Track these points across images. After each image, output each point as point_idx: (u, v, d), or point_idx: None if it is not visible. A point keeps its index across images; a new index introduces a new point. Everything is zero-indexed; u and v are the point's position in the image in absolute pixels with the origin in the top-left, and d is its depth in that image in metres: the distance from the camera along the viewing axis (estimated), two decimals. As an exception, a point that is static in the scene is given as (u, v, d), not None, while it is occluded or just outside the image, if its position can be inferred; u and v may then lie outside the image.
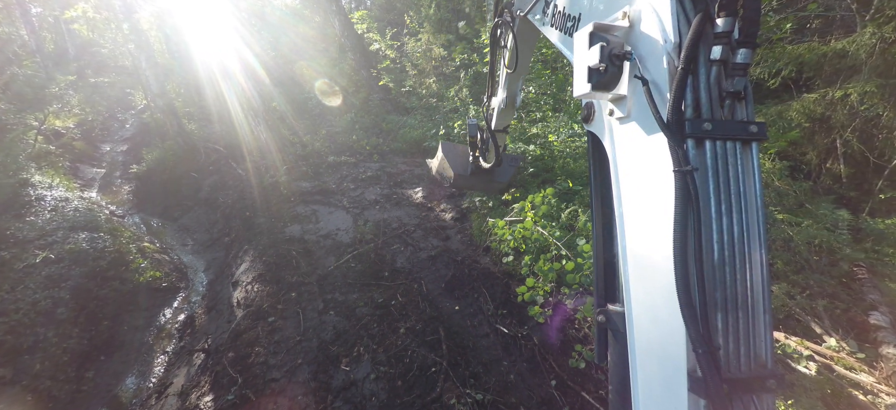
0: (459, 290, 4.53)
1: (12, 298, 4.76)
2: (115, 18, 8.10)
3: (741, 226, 0.87)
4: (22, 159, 7.91)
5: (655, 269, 0.93)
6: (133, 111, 16.37)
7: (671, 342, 0.88)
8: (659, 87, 0.90)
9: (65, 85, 13.92)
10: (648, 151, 0.95)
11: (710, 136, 0.86)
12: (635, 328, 1.01)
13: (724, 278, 0.85)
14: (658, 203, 0.92)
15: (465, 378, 3.45)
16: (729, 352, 0.85)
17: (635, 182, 1.01)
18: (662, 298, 0.90)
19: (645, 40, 0.94)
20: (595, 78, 0.96)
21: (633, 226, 1.01)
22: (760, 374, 0.86)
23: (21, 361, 4.50)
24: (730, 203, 0.86)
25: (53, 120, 11.66)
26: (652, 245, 0.95)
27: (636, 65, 0.94)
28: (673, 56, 0.88)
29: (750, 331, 0.87)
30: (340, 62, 13.09)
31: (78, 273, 5.35)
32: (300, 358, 3.80)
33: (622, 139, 1.05)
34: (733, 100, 0.90)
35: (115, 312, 5.55)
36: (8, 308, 4.64)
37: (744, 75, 0.88)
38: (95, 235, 6.08)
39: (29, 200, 6.76)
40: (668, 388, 0.89)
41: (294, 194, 6.99)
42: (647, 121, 0.92)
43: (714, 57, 0.86)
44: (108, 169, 11.68)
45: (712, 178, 0.86)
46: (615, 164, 1.07)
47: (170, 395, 3.99)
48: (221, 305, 5.19)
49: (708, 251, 0.85)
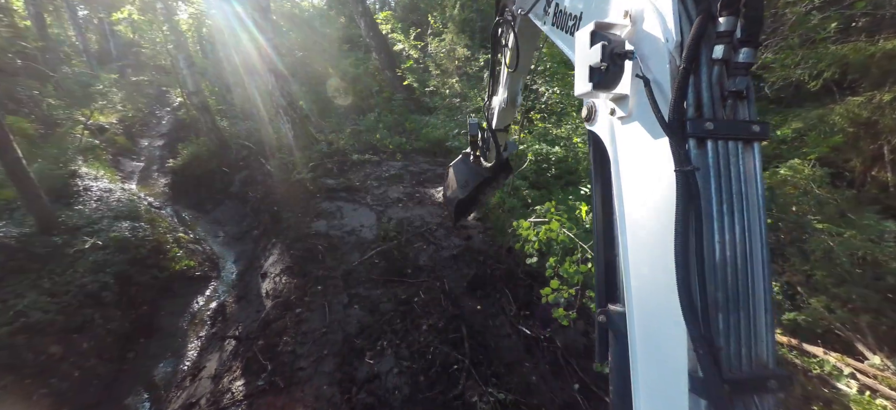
0: (482, 289, 4.55)
1: (63, 280, 5.11)
2: (156, 20, 8.55)
3: (743, 226, 0.87)
4: (71, 152, 8.47)
5: (656, 269, 0.93)
6: (169, 108, 17.20)
7: (672, 343, 0.88)
8: (660, 86, 0.90)
9: (108, 83, 14.76)
10: (650, 151, 0.95)
11: (712, 135, 0.86)
12: (636, 328, 1.01)
13: (726, 278, 0.85)
14: (659, 203, 0.92)
15: (487, 377, 3.48)
16: (730, 353, 0.85)
17: (636, 182, 1.01)
18: (663, 298, 0.89)
19: (646, 39, 0.94)
20: (596, 77, 0.96)
21: (634, 226, 1.02)
22: (762, 374, 0.85)
23: (71, 339, 4.83)
24: (731, 203, 0.86)
25: (98, 116, 12.40)
26: (653, 245, 0.95)
27: (638, 64, 0.94)
28: (675, 55, 0.88)
29: (751, 331, 0.87)
30: (365, 62, 13.34)
31: (121, 260, 5.69)
32: (326, 350, 3.92)
33: (623, 139, 1.05)
34: (735, 99, 0.89)
35: (154, 297, 5.88)
36: (60, 290, 4.99)
37: (746, 75, 0.87)
38: (137, 224, 6.44)
39: (78, 189, 7.23)
40: (669, 389, 0.89)
41: (320, 191, 7.19)
42: (649, 120, 0.91)
43: (716, 56, 0.86)
44: (146, 162, 12.34)
45: (714, 178, 0.86)
46: (616, 163, 1.07)
47: (203, 378, 4.20)
48: (251, 295, 5.40)
49: (709, 251, 0.84)
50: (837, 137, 5.06)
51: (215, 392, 3.81)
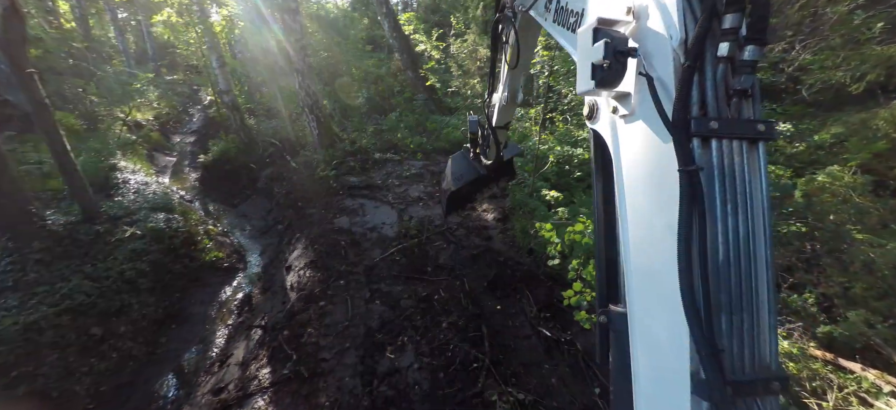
0: (501, 290, 4.56)
1: (104, 266, 5.42)
2: (192, 22, 8.95)
3: (747, 227, 0.85)
4: (111, 147, 8.96)
5: (658, 269, 0.92)
6: (199, 106, 17.93)
7: (674, 344, 0.87)
8: (664, 84, 0.88)
9: (145, 82, 15.51)
10: (653, 150, 0.93)
11: (717, 134, 0.84)
12: (637, 329, 1.00)
13: (729, 279, 0.84)
14: (662, 203, 0.90)
15: (507, 376, 3.48)
16: (733, 354, 0.84)
17: (639, 181, 0.99)
18: (665, 299, 0.88)
19: (650, 36, 0.92)
20: (599, 75, 0.93)
21: (635, 226, 1.00)
22: (765, 376, 0.84)
23: (110, 322, 5.12)
24: (736, 203, 0.85)
25: (135, 113, 13.07)
26: (655, 245, 0.93)
27: (641, 61, 0.92)
28: (679, 53, 0.86)
29: (754, 333, 0.85)
30: (387, 63, 13.53)
31: (156, 249, 5.98)
32: (348, 342, 4.02)
33: (626, 137, 1.03)
34: (740, 98, 0.88)
35: (185, 286, 6.15)
36: (101, 275, 5.30)
37: (751, 73, 0.86)
38: (171, 216, 6.76)
39: (117, 182, 7.65)
40: (670, 390, 0.88)
41: (342, 188, 7.35)
42: (652, 119, 0.89)
43: (721, 54, 0.84)
44: (178, 158, 12.90)
45: (718, 177, 0.84)
46: (618, 162, 1.06)
47: (231, 365, 4.37)
48: (276, 287, 5.58)
49: (712, 252, 0.83)
50: (881, 144, 4.81)
51: (243, 378, 3.96)
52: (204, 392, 4.21)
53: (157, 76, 17.61)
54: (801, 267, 4.26)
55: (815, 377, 3.20)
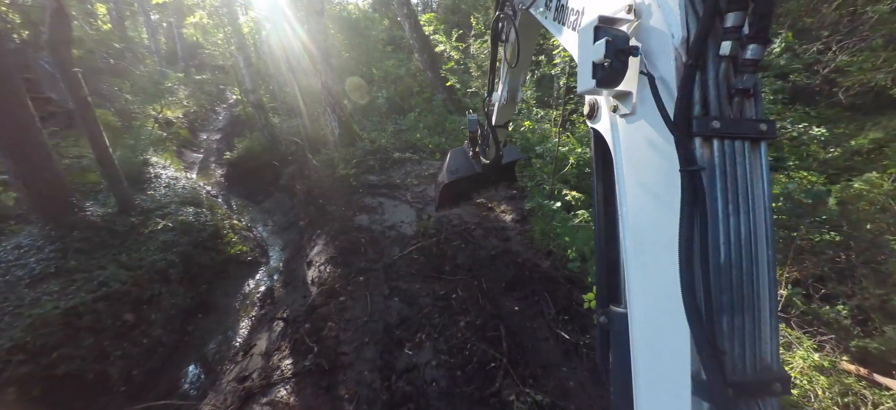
0: (519, 291, 4.55)
1: (138, 256, 5.68)
2: (221, 24, 9.29)
3: (749, 227, 0.84)
4: (144, 143, 9.38)
5: (659, 270, 0.91)
6: (225, 105, 18.54)
7: (674, 345, 0.87)
8: (666, 83, 0.87)
9: (175, 81, 16.16)
10: (654, 150, 0.92)
11: (719, 134, 0.83)
12: (638, 329, 0.99)
13: (730, 280, 0.83)
14: (663, 203, 0.90)
15: (525, 377, 3.48)
16: (734, 355, 0.83)
17: (640, 181, 0.98)
18: (666, 300, 0.88)
19: (651, 35, 0.91)
20: (600, 74, 0.92)
21: (636, 226, 0.99)
22: (766, 377, 0.84)
23: (142, 310, 5.37)
24: (737, 204, 0.84)
25: (166, 111, 13.63)
26: (656, 246, 0.93)
27: (642, 60, 0.91)
28: (680, 51, 0.85)
29: (756, 334, 0.85)
30: (407, 63, 13.65)
31: (186, 241, 6.24)
32: (367, 337, 4.09)
33: (627, 137, 1.02)
34: (742, 97, 0.87)
35: (211, 278, 6.39)
36: (134, 265, 5.56)
37: (754, 72, 0.85)
38: (199, 210, 7.03)
39: (150, 176, 8.01)
40: (671, 391, 0.88)
41: (362, 187, 7.47)
42: (653, 118, 0.88)
43: (723, 52, 0.83)
44: (204, 154, 13.38)
45: (720, 178, 0.83)
46: (619, 162, 1.05)
47: (255, 355, 4.51)
48: (297, 281, 5.73)
49: (714, 253, 0.83)
50: (926, 150, 4.56)
51: (266, 367, 4.09)
52: (229, 379, 4.36)
53: (186, 76, 18.31)
54: (834, 278, 4.09)
55: (847, 392, 3.08)
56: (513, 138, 7.83)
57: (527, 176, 7.17)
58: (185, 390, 4.84)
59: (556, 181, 6.03)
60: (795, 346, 3.44)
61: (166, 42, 24.10)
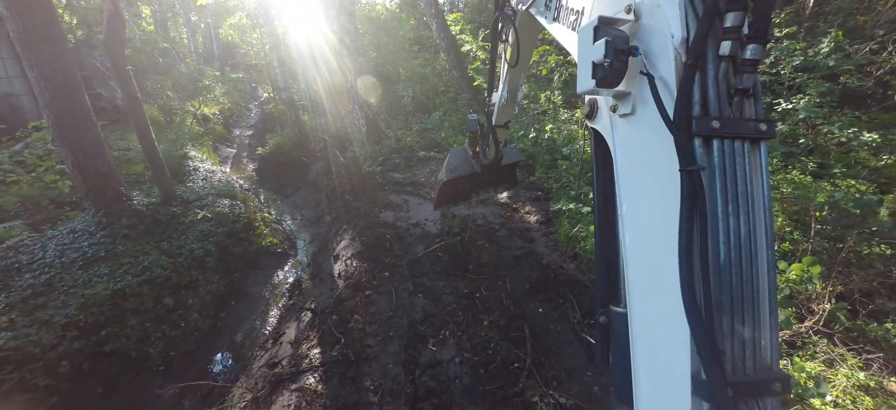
0: (544, 293, 4.52)
1: (178, 245, 6.02)
2: (258, 24, 9.68)
3: (748, 227, 0.84)
4: (184, 138, 9.90)
5: (659, 270, 0.91)
6: (256, 103, 19.26)
7: (674, 345, 0.86)
8: (666, 83, 0.87)
9: (212, 79, 16.93)
10: (653, 150, 0.92)
11: (718, 134, 0.83)
12: (638, 329, 0.99)
13: (730, 279, 0.83)
14: (662, 203, 0.89)
15: (549, 379, 3.47)
16: (733, 355, 0.83)
17: (639, 181, 0.98)
18: (666, 299, 0.88)
19: (651, 35, 0.90)
20: (599, 74, 0.92)
21: (636, 226, 0.99)
22: (765, 377, 0.83)
23: (180, 295, 5.68)
24: (737, 203, 0.83)
25: (203, 108, 14.31)
26: (655, 245, 0.93)
27: (642, 60, 0.91)
28: (680, 51, 0.85)
29: (755, 334, 0.84)
30: (433, 63, 13.76)
31: (221, 232, 6.55)
32: (392, 331, 4.18)
33: (626, 137, 1.02)
34: (742, 97, 0.86)
35: (243, 267, 6.68)
36: (175, 252, 5.89)
37: (753, 72, 0.84)
38: (234, 202, 7.36)
39: (189, 170, 8.45)
40: (670, 391, 0.88)
41: (388, 184, 7.60)
42: (653, 118, 0.87)
43: (723, 52, 0.83)
44: (237, 149, 13.96)
45: (719, 177, 0.83)
46: (618, 162, 1.05)
47: (284, 342, 4.69)
48: (324, 274, 5.91)
49: (714, 253, 0.82)
50: None
51: (295, 355, 4.25)
52: (259, 364, 4.56)
53: (222, 74, 19.15)
54: (883, 293, 3.85)
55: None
56: (539, 140, 7.76)
57: (552, 177, 7.10)
58: (219, 372, 5.08)
59: (582, 184, 5.94)
60: (838, 363, 3.26)
61: (204, 42, 25.28)
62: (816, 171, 5.39)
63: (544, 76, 10.18)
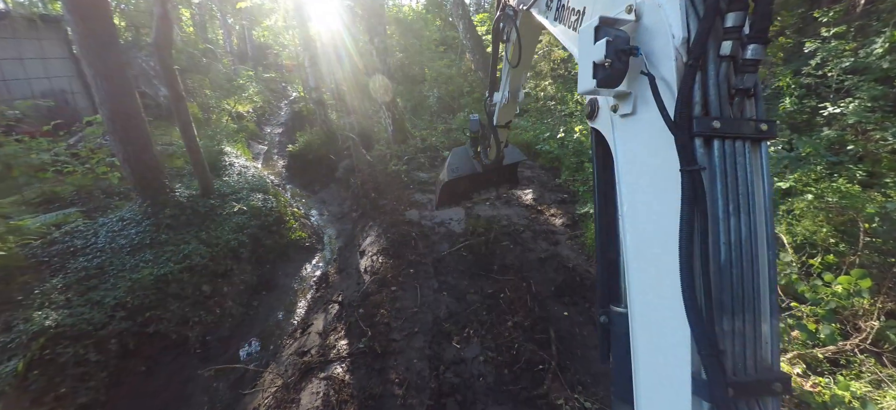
0: (569, 296, 4.49)
1: (215, 235, 6.34)
2: (291, 26, 10.04)
3: (749, 227, 0.83)
4: (221, 134, 10.38)
5: (659, 270, 0.91)
6: (286, 101, 19.89)
7: (675, 345, 0.86)
8: (666, 83, 0.86)
9: (246, 79, 17.64)
10: (654, 150, 0.92)
11: (719, 134, 0.83)
12: (638, 329, 0.99)
13: (731, 279, 0.82)
14: (663, 203, 0.89)
15: (574, 383, 3.44)
16: (734, 355, 0.83)
17: (640, 181, 0.98)
18: (666, 299, 0.88)
19: (652, 35, 0.90)
20: (600, 74, 0.92)
21: (636, 226, 0.99)
22: (766, 377, 0.83)
23: (216, 283, 5.98)
24: (737, 203, 0.83)
25: (238, 106, 14.95)
26: (656, 246, 0.92)
27: (643, 61, 0.90)
28: (681, 52, 0.84)
29: (756, 334, 0.84)
30: (458, 63, 13.82)
31: (255, 224, 6.84)
32: (417, 327, 4.26)
33: (627, 137, 1.02)
34: (743, 97, 0.86)
35: (274, 259, 6.95)
36: (212, 242, 6.21)
37: (754, 72, 0.83)
38: (266, 196, 7.67)
39: (224, 165, 8.86)
40: (671, 391, 0.88)
41: (413, 183, 7.71)
42: (654, 118, 0.87)
43: (724, 53, 0.82)
44: (268, 146, 14.48)
45: (720, 177, 0.83)
46: (619, 162, 1.04)
47: (312, 333, 4.86)
48: (350, 268, 6.07)
49: (714, 253, 0.82)
50: None
51: (323, 346, 4.40)
52: (289, 352, 4.75)
53: (255, 74, 19.93)
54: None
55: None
56: (566, 142, 7.67)
57: (578, 180, 7.00)
58: (251, 357, 5.32)
59: (611, 187, 5.83)
60: (887, 385, 3.07)
61: (238, 43, 26.39)
62: (866, 180, 5.07)
63: (572, 77, 10.04)
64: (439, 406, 3.37)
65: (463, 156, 3.48)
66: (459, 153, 3.53)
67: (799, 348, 3.36)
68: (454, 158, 3.51)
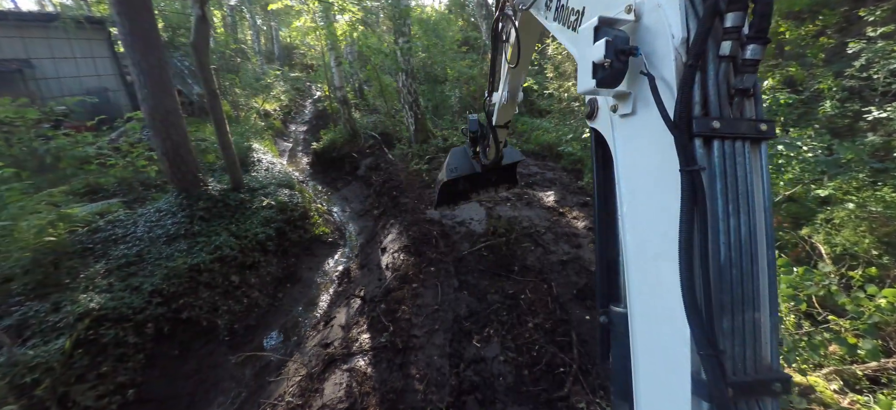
0: (591, 300, 4.43)
1: (244, 228, 6.59)
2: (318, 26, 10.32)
3: (749, 227, 0.84)
4: (250, 131, 10.77)
5: (659, 270, 0.91)
6: (310, 100, 20.40)
7: (674, 345, 0.86)
8: (666, 83, 0.86)
9: (273, 78, 18.19)
10: (653, 150, 0.92)
11: (719, 134, 0.82)
12: (638, 329, 0.99)
13: (730, 279, 0.82)
14: (662, 203, 0.89)
15: (595, 387, 3.41)
16: (734, 355, 0.83)
17: (639, 181, 0.98)
18: (666, 299, 0.88)
19: (651, 35, 0.90)
20: (600, 74, 0.92)
21: (636, 226, 0.99)
22: (766, 377, 0.83)
23: (244, 274, 6.22)
24: (737, 203, 0.83)
25: (265, 104, 15.45)
26: (655, 246, 0.92)
27: (642, 61, 0.90)
28: (681, 52, 0.84)
29: (755, 334, 0.84)
30: (480, 63, 13.82)
31: (281, 219, 7.07)
32: (437, 325, 4.31)
33: (626, 137, 1.02)
34: (742, 97, 0.85)
35: (299, 253, 7.17)
36: (241, 235, 6.46)
37: (754, 72, 0.82)
38: (292, 192, 7.91)
39: (253, 161, 9.19)
40: (670, 391, 0.87)
41: (434, 182, 7.78)
42: (653, 118, 0.87)
43: (723, 52, 0.82)
44: (293, 144, 14.91)
45: (720, 177, 0.82)
46: (619, 162, 1.04)
47: (335, 326, 4.99)
48: (372, 264, 6.19)
49: (714, 253, 0.82)
50: None
51: (346, 339, 4.51)
52: (312, 344, 4.90)
53: (281, 74, 20.54)
54: None
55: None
56: (589, 144, 7.57)
57: (602, 183, 6.88)
58: (275, 346, 5.51)
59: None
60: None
61: (266, 43, 27.24)
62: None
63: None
64: (459, 403, 3.40)
65: (462, 156, 3.51)
66: (458, 153, 3.55)
67: (836, 363, 3.21)
68: (453, 157, 3.54)
